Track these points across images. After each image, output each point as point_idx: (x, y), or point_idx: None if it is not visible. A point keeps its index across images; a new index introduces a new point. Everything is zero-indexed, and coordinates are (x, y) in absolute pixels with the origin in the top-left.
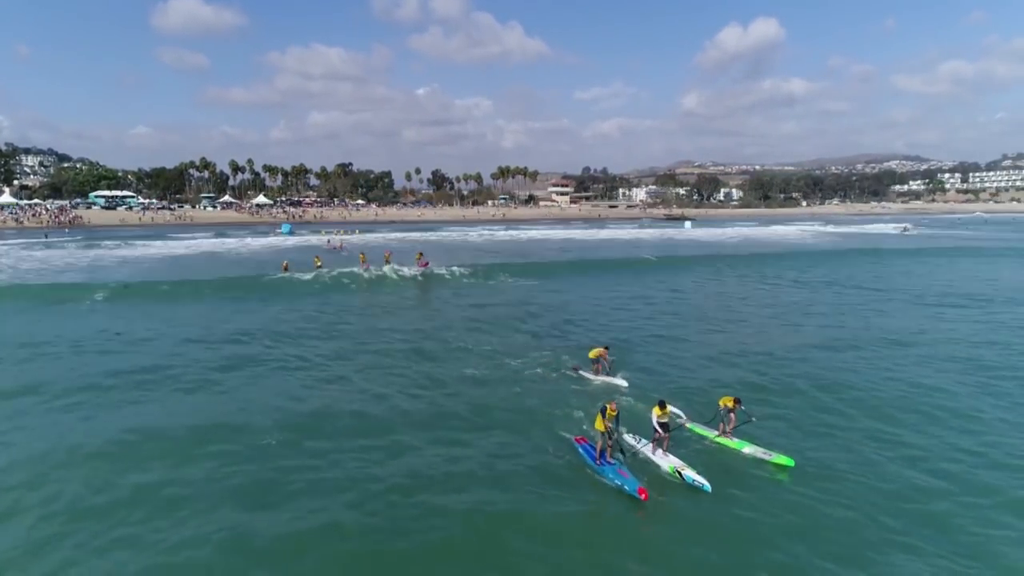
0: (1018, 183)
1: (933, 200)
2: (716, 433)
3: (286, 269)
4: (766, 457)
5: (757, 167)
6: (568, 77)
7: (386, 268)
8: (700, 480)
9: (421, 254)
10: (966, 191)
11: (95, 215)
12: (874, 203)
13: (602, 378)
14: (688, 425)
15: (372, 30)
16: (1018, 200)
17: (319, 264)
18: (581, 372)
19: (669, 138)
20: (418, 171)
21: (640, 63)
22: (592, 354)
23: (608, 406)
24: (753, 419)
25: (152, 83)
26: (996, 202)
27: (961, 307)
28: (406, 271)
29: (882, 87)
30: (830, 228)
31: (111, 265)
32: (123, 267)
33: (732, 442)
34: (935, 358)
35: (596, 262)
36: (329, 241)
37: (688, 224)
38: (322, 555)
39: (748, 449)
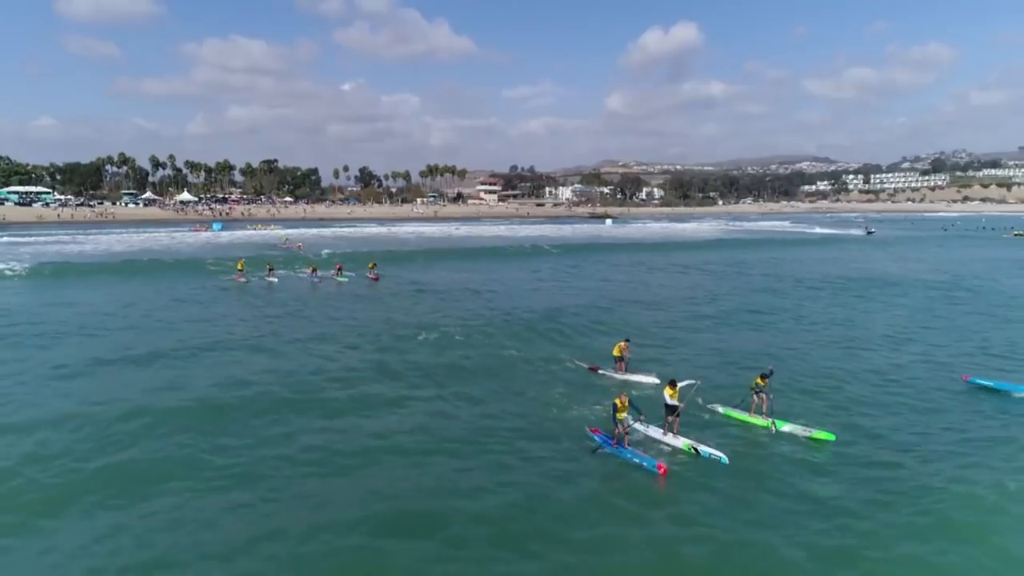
0: (913, 184)
1: (838, 200)
2: (749, 415)
3: (241, 269)
4: (805, 433)
5: (678, 167)
6: (496, 75)
7: (339, 278)
8: (717, 453)
9: (374, 264)
10: (868, 191)
11: (9, 212)
12: (784, 202)
13: (626, 376)
14: (723, 411)
15: (296, 23)
16: (912, 200)
17: (271, 270)
18: (601, 371)
19: (595, 137)
20: (346, 168)
21: (567, 63)
22: (615, 351)
23: (618, 401)
24: (771, 368)
25: (58, 72)
26: (893, 202)
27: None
28: (343, 280)
29: (795, 91)
30: (734, 224)
31: (57, 260)
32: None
33: (767, 422)
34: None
35: (525, 252)
36: (287, 239)
37: (609, 222)
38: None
39: (787, 427)
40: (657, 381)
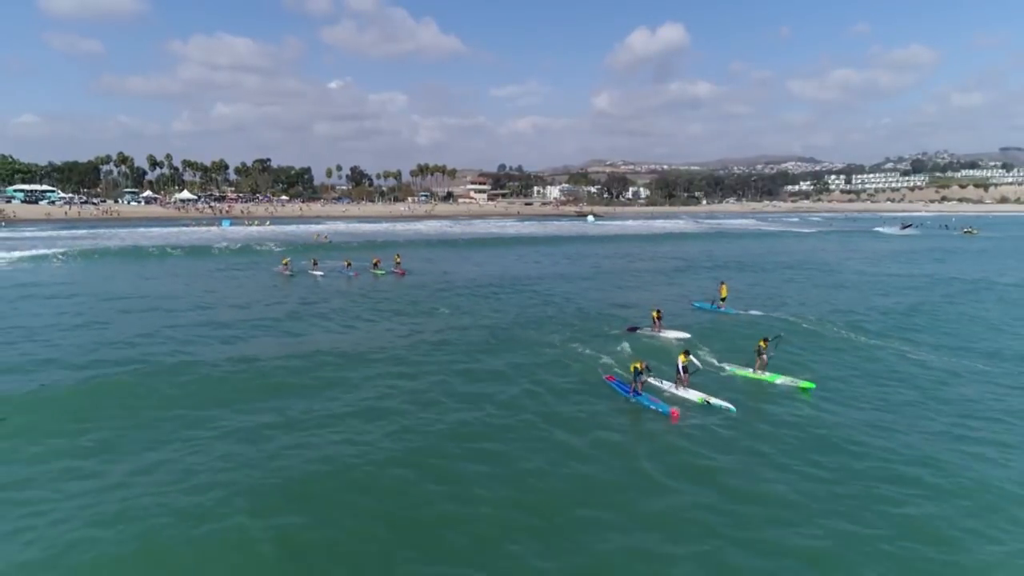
0: (894, 184)
1: (819, 200)
2: (751, 371)
3: (286, 263)
4: (793, 384)
5: (665, 166)
6: (484, 74)
7: (376, 272)
8: (726, 405)
9: (399, 258)
10: (849, 192)
11: (18, 209)
12: (767, 202)
13: (663, 333)
14: (728, 368)
15: (282, 21)
16: (892, 200)
17: (315, 263)
18: (641, 330)
19: (582, 137)
20: (339, 168)
21: (554, 62)
22: (655, 314)
23: (638, 364)
24: (781, 334)
25: (40, 69)
26: (873, 202)
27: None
28: (380, 273)
29: (780, 92)
30: (703, 222)
31: (112, 247)
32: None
33: (766, 376)
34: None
35: (520, 244)
36: (318, 235)
37: (591, 219)
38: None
39: (780, 380)
40: (687, 336)
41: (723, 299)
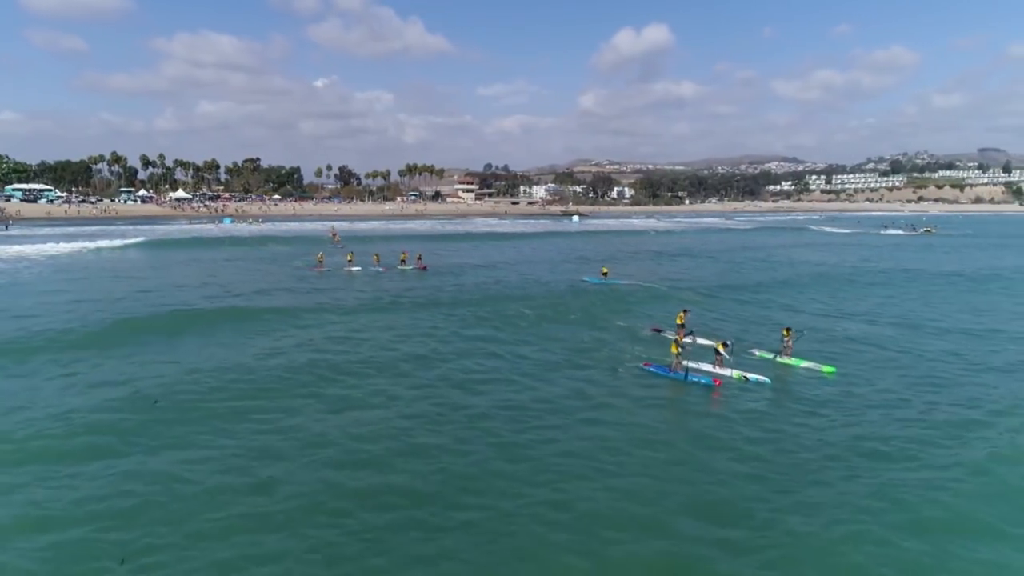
0: (873, 184)
1: (800, 199)
2: (777, 356)
3: (321, 261)
4: (816, 368)
5: (651, 166)
6: (470, 73)
7: (402, 268)
8: (762, 378)
9: (420, 256)
10: (829, 192)
11: (21, 208)
12: (748, 202)
13: (687, 339)
14: (758, 353)
15: (268, 19)
16: (871, 200)
17: (351, 259)
18: (664, 333)
19: (568, 136)
20: (329, 167)
21: (541, 62)
22: (679, 319)
23: (677, 338)
24: (804, 332)
25: (20, 66)
26: (852, 202)
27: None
28: (407, 268)
29: (763, 92)
30: (674, 220)
31: (135, 243)
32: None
33: (791, 360)
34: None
35: (512, 239)
36: (334, 233)
37: (575, 219)
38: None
39: (805, 364)
40: (711, 343)
41: (604, 274)
